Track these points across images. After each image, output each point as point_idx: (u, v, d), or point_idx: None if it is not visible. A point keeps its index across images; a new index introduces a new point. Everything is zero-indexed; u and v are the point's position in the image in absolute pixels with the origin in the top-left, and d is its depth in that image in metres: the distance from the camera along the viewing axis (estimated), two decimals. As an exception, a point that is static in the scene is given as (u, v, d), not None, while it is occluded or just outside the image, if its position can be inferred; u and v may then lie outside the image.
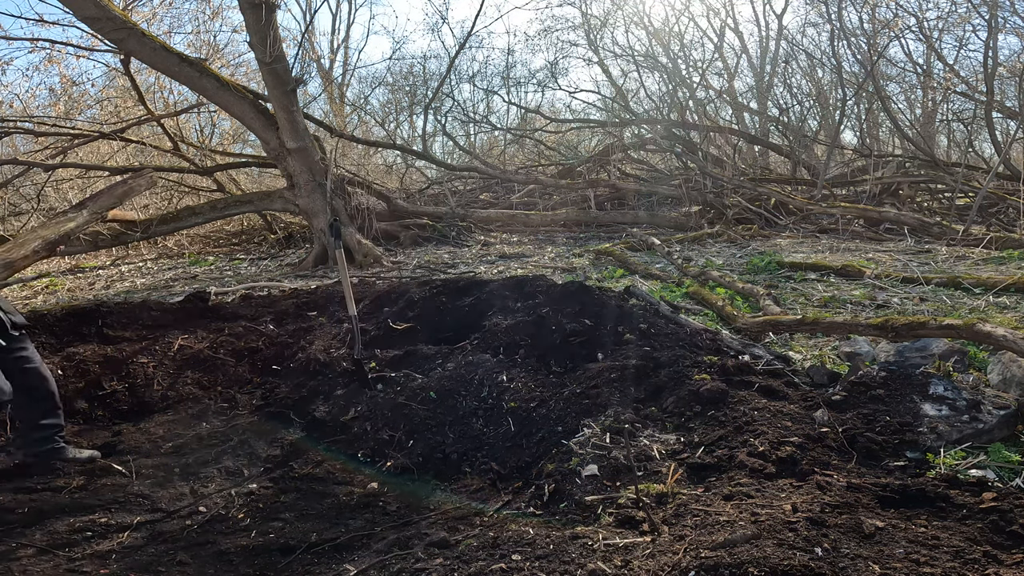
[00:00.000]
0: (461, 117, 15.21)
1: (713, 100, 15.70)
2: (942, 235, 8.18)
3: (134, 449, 3.47)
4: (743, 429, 2.84)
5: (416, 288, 5.31)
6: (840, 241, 8.59)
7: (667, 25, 17.53)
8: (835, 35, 11.87)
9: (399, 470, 3.10)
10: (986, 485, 2.38)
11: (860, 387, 3.16)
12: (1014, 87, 12.06)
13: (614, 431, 2.96)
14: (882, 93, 12.43)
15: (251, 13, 6.93)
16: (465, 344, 4.14)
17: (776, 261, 6.90)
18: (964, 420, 2.84)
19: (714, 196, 10.62)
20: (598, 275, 6.77)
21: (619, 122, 13.67)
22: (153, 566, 2.46)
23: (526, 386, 3.50)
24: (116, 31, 6.94)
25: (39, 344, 4.64)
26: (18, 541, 2.64)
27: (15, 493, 3.03)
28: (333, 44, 20.73)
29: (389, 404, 3.56)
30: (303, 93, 12.67)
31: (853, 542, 2.00)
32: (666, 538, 2.14)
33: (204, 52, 11.02)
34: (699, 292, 5.60)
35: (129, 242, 9.22)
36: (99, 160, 10.46)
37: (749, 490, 2.37)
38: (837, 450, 2.69)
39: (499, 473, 2.98)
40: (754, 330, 4.49)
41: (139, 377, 4.24)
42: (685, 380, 3.31)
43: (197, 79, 7.52)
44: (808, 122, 14.85)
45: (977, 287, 5.34)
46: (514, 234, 10.19)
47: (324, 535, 2.58)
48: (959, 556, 1.94)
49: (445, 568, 2.14)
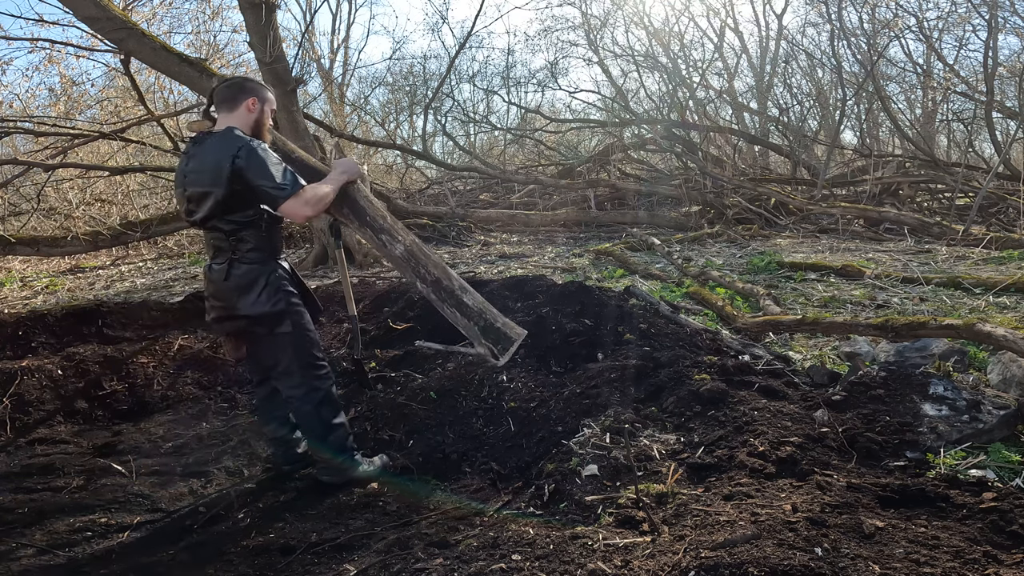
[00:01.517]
0: (461, 117, 15.24)
1: (713, 100, 15.70)
2: (942, 235, 8.18)
3: (134, 449, 3.47)
4: (743, 429, 2.84)
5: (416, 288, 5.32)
6: (840, 241, 8.59)
7: (667, 25, 17.57)
8: (835, 35, 11.88)
9: (399, 470, 3.10)
10: (986, 485, 2.38)
11: (860, 387, 3.16)
12: (1014, 87, 12.07)
13: (614, 431, 2.96)
14: (882, 93, 12.43)
15: (251, 13, 6.93)
16: (465, 344, 4.14)
17: (776, 261, 6.90)
18: (964, 420, 2.84)
19: (714, 196, 10.62)
20: (598, 275, 6.77)
21: (619, 122, 13.67)
22: (153, 566, 2.46)
23: (526, 386, 3.50)
24: (116, 31, 6.93)
25: (39, 344, 4.65)
26: (18, 541, 2.64)
27: (15, 493, 3.03)
28: (333, 44, 20.74)
29: (389, 404, 3.56)
30: (303, 93, 12.68)
31: (853, 542, 2.00)
32: (666, 538, 2.14)
33: (204, 52, 11.03)
34: (699, 292, 5.60)
35: (129, 242, 9.22)
36: (99, 160, 10.46)
37: (749, 490, 2.37)
38: (837, 450, 2.69)
39: (499, 473, 2.99)
40: (754, 330, 4.49)
41: (139, 377, 4.24)
42: (685, 380, 3.31)
43: (197, 79, 7.50)
44: (808, 122, 14.87)
45: (977, 287, 5.34)
46: (514, 234, 10.19)
47: (324, 535, 2.58)
48: (959, 556, 1.94)
49: (445, 568, 2.14)
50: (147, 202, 11.45)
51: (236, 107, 2.82)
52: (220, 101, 2.85)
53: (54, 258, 9.23)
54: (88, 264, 9.44)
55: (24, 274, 8.86)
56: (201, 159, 2.76)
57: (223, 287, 2.81)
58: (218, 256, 2.83)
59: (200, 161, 2.76)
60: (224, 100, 2.83)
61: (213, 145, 2.73)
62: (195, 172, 2.77)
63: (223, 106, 2.84)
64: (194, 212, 2.80)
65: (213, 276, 2.84)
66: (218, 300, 2.86)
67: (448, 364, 3.85)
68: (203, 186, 2.73)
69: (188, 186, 2.79)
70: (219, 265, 2.81)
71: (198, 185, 2.75)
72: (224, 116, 2.83)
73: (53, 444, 3.58)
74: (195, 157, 2.79)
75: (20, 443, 3.59)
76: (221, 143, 2.71)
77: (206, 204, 2.74)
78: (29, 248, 8.31)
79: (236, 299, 2.79)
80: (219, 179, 2.66)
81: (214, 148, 2.72)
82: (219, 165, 2.65)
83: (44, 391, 4.01)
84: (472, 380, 3.61)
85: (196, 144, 2.82)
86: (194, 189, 2.77)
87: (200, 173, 2.74)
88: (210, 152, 2.72)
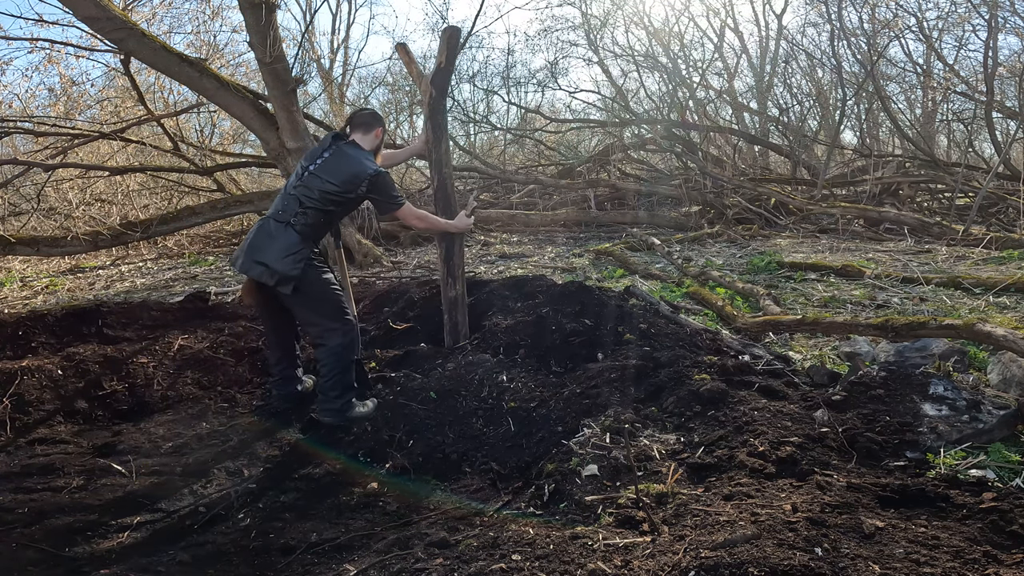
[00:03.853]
0: (461, 117, 15.21)
1: (713, 100, 15.69)
2: (942, 235, 8.18)
3: (134, 449, 3.47)
4: (743, 429, 2.84)
5: (416, 288, 5.31)
6: (840, 241, 8.60)
7: (667, 25, 17.58)
8: (835, 35, 11.88)
9: (399, 470, 3.10)
10: (986, 485, 2.38)
11: (860, 387, 3.16)
12: (1014, 87, 12.06)
13: (614, 431, 2.96)
14: (882, 93, 12.42)
15: (251, 13, 6.92)
16: (465, 344, 4.14)
17: (776, 261, 6.91)
18: (964, 420, 2.84)
19: (714, 196, 10.63)
20: (598, 275, 6.77)
21: (619, 122, 13.67)
22: (153, 566, 2.46)
23: (526, 386, 3.50)
24: (116, 31, 6.93)
25: (39, 344, 4.65)
26: (18, 541, 2.64)
27: (15, 493, 3.03)
28: (333, 44, 20.73)
29: (389, 404, 3.56)
30: (303, 93, 12.67)
31: (853, 542, 2.00)
32: (666, 538, 2.14)
33: (204, 52, 11.01)
34: (699, 292, 5.60)
35: (129, 242, 9.21)
36: (99, 160, 10.45)
37: (749, 490, 2.37)
38: (837, 450, 2.69)
39: (499, 473, 2.98)
40: (754, 330, 4.49)
41: (139, 377, 4.24)
42: (685, 380, 3.31)
43: (197, 79, 7.51)
44: (808, 122, 14.85)
45: (977, 287, 5.34)
46: (514, 234, 10.19)
47: (324, 535, 2.58)
48: (959, 556, 1.94)
49: (445, 568, 2.14)
50: (147, 202, 11.44)
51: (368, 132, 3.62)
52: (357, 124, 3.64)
53: (54, 258, 9.22)
54: (88, 264, 9.44)
55: (24, 274, 8.85)
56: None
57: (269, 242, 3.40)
58: (279, 215, 3.43)
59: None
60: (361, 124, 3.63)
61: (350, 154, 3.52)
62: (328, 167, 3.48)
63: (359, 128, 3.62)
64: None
65: (269, 228, 3.42)
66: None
67: (448, 364, 3.85)
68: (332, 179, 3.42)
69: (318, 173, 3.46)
70: (277, 222, 3.42)
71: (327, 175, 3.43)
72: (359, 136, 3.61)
73: (53, 444, 3.57)
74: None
75: (20, 443, 3.59)
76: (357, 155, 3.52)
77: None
78: (29, 248, 8.30)
79: (271, 251, 3.37)
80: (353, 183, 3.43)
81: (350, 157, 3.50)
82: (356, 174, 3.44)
83: (44, 391, 4.01)
84: (472, 380, 3.61)
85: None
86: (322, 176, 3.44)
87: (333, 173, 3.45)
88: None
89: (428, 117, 4.13)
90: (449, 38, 3.99)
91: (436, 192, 4.16)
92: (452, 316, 4.22)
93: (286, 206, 3.42)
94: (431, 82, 4.04)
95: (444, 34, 4.01)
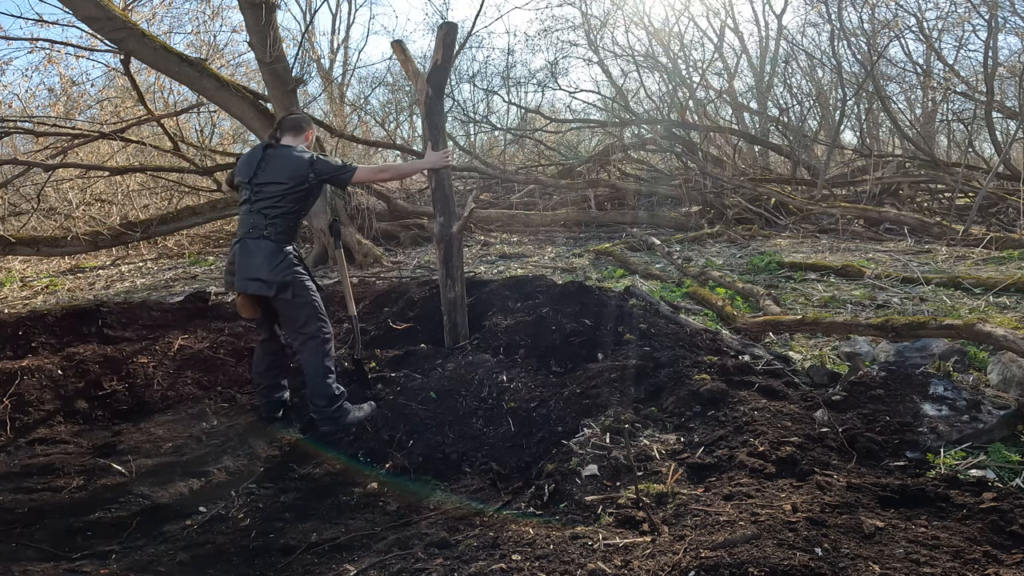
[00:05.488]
0: (461, 117, 15.21)
1: (713, 100, 15.69)
2: (942, 235, 8.18)
3: (134, 449, 3.47)
4: (743, 429, 2.84)
5: (416, 288, 5.31)
6: (840, 241, 8.60)
7: (667, 25, 17.54)
8: (835, 35, 11.87)
9: (399, 470, 3.10)
10: (986, 485, 2.38)
11: (860, 387, 3.16)
12: (1014, 87, 12.06)
13: (614, 431, 2.96)
14: (882, 93, 12.42)
15: (251, 13, 6.93)
16: (465, 344, 4.14)
17: (776, 261, 6.91)
18: (964, 420, 2.84)
19: (714, 196, 10.62)
20: (598, 275, 6.77)
21: (619, 122, 13.65)
22: (153, 566, 2.46)
23: (526, 386, 3.50)
24: (116, 31, 6.94)
25: (39, 344, 4.65)
26: (18, 541, 2.64)
27: (15, 493, 3.03)
28: (333, 44, 20.72)
29: (389, 404, 3.56)
30: (303, 93, 12.65)
31: (853, 542, 2.00)
32: (666, 538, 2.14)
33: (204, 52, 11.01)
34: (699, 292, 5.60)
35: (129, 242, 9.22)
36: (99, 160, 10.45)
37: (749, 490, 2.37)
38: (837, 450, 2.69)
39: (499, 473, 2.98)
40: (754, 330, 4.49)
41: (139, 377, 4.23)
42: (685, 380, 3.31)
43: (197, 79, 7.51)
44: (808, 122, 14.85)
45: (977, 287, 5.34)
46: (514, 234, 10.19)
47: (324, 535, 2.58)
48: (959, 556, 1.94)
49: (445, 568, 2.14)
50: (147, 202, 11.44)
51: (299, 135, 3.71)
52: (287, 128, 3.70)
53: (54, 258, 9.22)
54: (88, 264, 9.43)
55: (24, 274, 8.86)
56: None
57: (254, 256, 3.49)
58: (251, 233, 3.50)
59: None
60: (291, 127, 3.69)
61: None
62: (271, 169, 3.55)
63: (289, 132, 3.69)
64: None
65: (249, 247, 3.49)
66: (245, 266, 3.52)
67: (448, 364, 3.85)
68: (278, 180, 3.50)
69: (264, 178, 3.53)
70: (252, 240, 3.48)
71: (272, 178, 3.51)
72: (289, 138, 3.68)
73: (53, 444, 3.57)
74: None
75: (20, 443, 3.59)
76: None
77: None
78: (29, 248, 8.31)
79: (261, 266, 3.45)
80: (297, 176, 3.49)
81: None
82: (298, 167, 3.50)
83: (44, 391, 4.01)
84: (472, 380, 3.61)
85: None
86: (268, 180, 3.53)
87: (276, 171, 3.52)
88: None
89: (425, 117, 4.12)
90: (445, 35, 3.97)
91: (434, 192, 4.14)
92: (452, 317, 4.21)
93: (255, 223, 3.49)
94: (427, 80, 4.02)
95: (440, 31, 3.98)
